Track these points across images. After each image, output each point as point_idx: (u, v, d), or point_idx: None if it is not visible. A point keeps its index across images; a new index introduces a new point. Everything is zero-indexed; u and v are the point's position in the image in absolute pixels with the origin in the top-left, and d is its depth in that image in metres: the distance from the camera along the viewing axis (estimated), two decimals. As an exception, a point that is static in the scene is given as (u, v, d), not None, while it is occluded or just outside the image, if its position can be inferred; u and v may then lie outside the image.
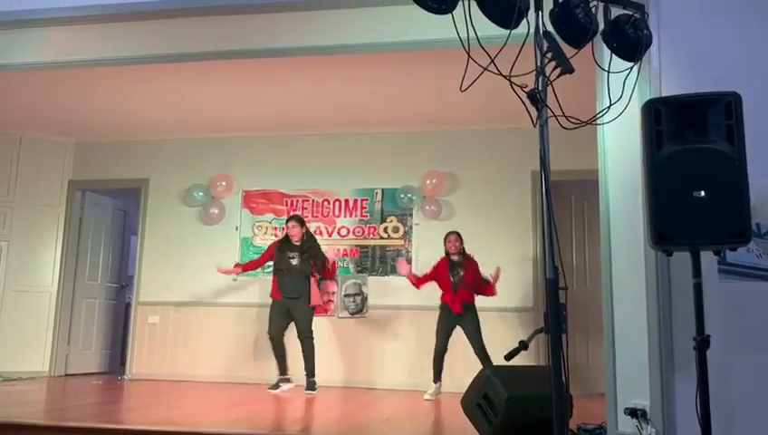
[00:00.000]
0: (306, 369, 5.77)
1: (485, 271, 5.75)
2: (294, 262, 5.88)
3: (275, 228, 6.92)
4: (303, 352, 5.79)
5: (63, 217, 7.30)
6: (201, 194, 7.05)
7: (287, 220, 6.16)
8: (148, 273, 7.14)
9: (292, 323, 5.85)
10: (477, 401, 3.44)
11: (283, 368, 5.85)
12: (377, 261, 6.75)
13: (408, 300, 6.42)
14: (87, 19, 3.98)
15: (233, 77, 5.51)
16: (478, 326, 5.52)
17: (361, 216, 6.87)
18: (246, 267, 6.14)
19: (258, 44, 4.24)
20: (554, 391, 2.22)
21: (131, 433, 3.46)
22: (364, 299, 6.68)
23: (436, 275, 5.74)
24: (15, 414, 4.07)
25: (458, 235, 5.77)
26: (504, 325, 6.11)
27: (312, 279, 5.94)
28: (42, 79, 5.49)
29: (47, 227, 7.22)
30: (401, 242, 6.71)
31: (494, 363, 3.56)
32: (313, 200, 6.97)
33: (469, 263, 5.69)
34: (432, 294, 5.78)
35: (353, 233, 6.85)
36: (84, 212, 7.50)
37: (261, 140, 7.07)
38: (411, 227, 6.71)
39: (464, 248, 5.74)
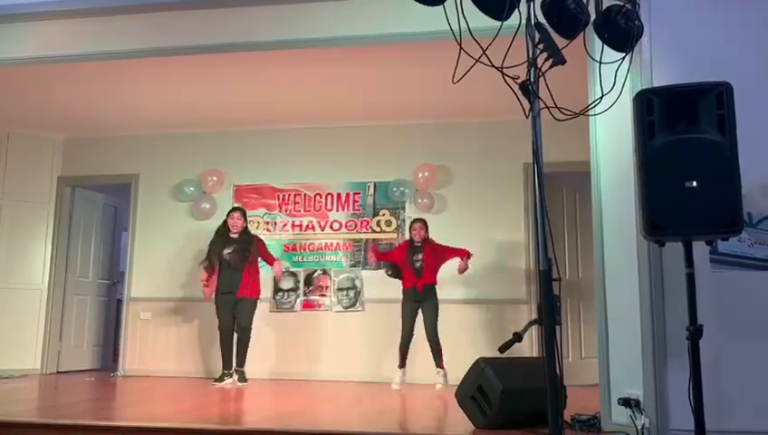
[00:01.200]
0: (236, 360, 5.87)
1: (476, 265, 5.78)
2: (228, 256, 5.94)
3: (267, 223, 6.90)
4: (238, 343, 5.89)
5: (53, 213, 7.25)
6: (192, 189, 7.02)
7: (232, 211, 6.20)
8: (140, 269, 7.11)
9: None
10: (472, 393, 3.45)
11: (227, 363, 5.93)
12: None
13: (401, 294, 6.41)
14: (73, 13, 3.95)
15: (222, 71, 5.46)
16: (436, 309, 5.65)
17: (354, 209, 6.85)
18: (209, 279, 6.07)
19: (247, 38, 4.22)
20: (548, 383, 2.23)
21: (124, 430, 3.44)
22: (358, 293, 6.68)
23: (398, 257, 5.90)
24: (7, 412, 4.04)
25: (423, 222, 5.89)
26: (498, 317, 6.12)
27: (248, 271, 5.95)
28: (29, 74, 5.43)
29: (37, 224, 7.16)
30: (394, 235, 6.70)
31: (484, 357, 3.56)
32: (305, 194, 6.95)
33: (429, 246, 5.79)
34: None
35: (346, 227, 6.84)
36: (74, 208, 7.45)
37: (252, 134, 7.03)
38: (404, 221, 6.70)
39: (427, 236, 5.85)
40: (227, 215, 6.17)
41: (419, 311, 5.69)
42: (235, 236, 6.02)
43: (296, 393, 5.38)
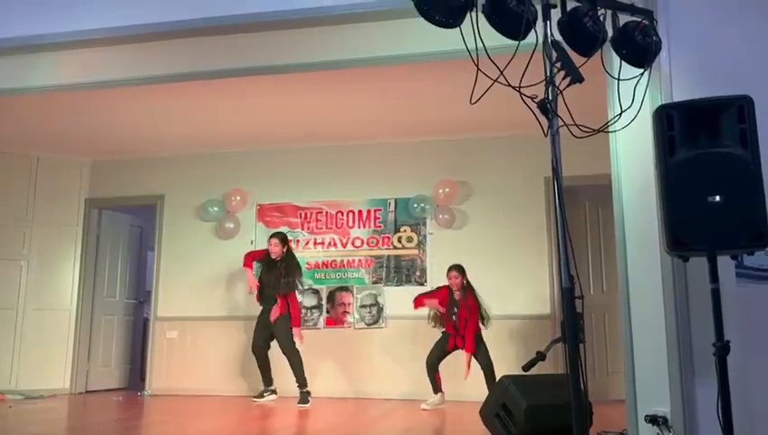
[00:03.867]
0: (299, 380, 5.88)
1: (499, 281, 5.75)
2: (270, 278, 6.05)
3: (290, 241, 6.96)
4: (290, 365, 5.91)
5: (81, 235, 7.39)
6: (216, 209, 7.11)
7: (270, 237, 6.30)
8: (166, 288, 7.20)
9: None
10: (497, 410, 3.44)
11: (267, 380, 6.02)
12: (392, 271, 6.76)
13: (423, 310, 6.41)
14: (99, 42, 4.04)
15: (244, 93, 5.56)
16: (487, 356, 5.50)
17: (375, 226, 6.88)
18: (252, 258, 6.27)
19: (268, 61, 4.27)
20: (573, 402, 2.21)
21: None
22: (380, 310, 6.69)
23: (439, 303, 5.73)
24: (39, 432, 4.11)
25: (459, 269, 5.67)
26: (521, 334, 6.08)
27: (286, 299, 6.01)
28: (57, 100, 5.57)
29: (65, 246, 7.30)
30: (416, 252, 6.71)
31: (509, 373, 3.55)
32: (327, 212, 7.00)
33: (468, 300, 5.60)
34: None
35: (367, 244, 6.87)
36: (101, 230, 7.59)
37: (274, 153, 7.12)
38: (425, 237, 6.71)
39: (466, 282, 5.66)
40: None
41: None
42: (276, 260, 6.11)
43: (321, 411, 5.39)
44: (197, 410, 5.52)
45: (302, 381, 5.81)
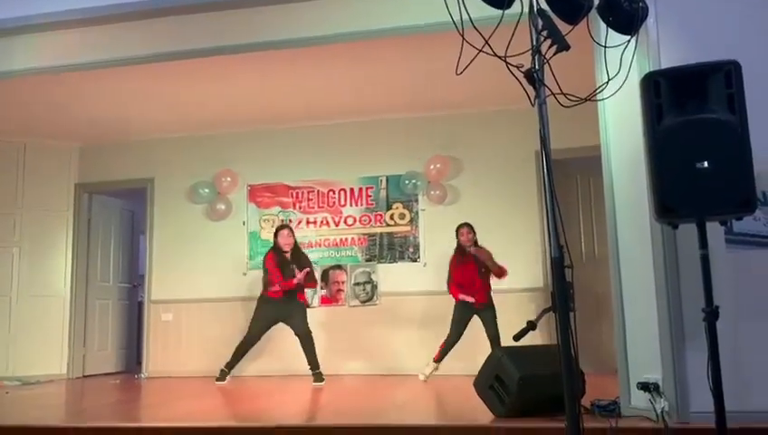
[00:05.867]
0: (309, 364, 5.78)
1: (492, 252, 5.75)
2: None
3: (282, 221, 6.95)
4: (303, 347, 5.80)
5: (72, 220, 7.35)
6: (207, 190, 7.08)
7: (279, 229, 6.08)
8: (159, 271, 7.19)
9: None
10: (490, 382, 3.46)
11: (233, 365, 5.92)
12: (385, 249, 6.77)
13: (417, 286, 6.45)
14: (82, 22, 3.99)
15: (230, 72, 5.50)
16: (495, 319, 5.50)
17: (367, 204, 6.87)
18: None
19: (254, 38, 4.24)
20: (564, 369, 2.23)
21: (150, 431, 3.50)
22: (374, 287, 6.71)
23: (458, 271, 5.66)
24: (37, 416, 4.12)
25: (471, 227, 5.70)
26: (514, 306, 6.10)
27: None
28: (42, 85, 5.50)
29: (56, 232, 7.27)
30: (408, 228, 6.72)
31: (500, 346, 3.58)
32: (318, 191, 6.98)
33: (478, 252, 5.61)
34: (442, 279, 5.79)
35: (360, 222, 6.86)
36: (92, 214, 7.55)
37: (263, 133, 7.08)
38: (417, 213, 6.72)
39: (476, 239, 5.68)
40: (276, 233, 6.06)
41: (476, 318, 5.57)
42: (289, 255, 5.94)
43: (317, 389, 5.42)
44: (194, 392, 5.54)
45: (315, 364, 5.79)
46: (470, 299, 5.52)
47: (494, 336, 5.44)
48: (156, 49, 4.36)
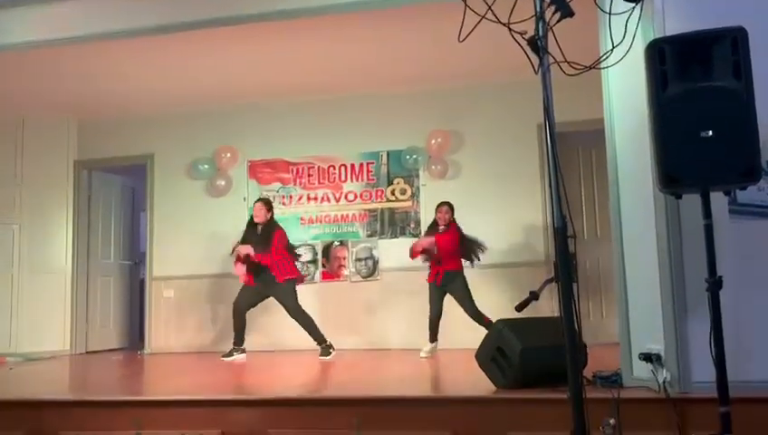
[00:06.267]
0: (314, 339, 5.74)
1: (493, 229, 5.75)
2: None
3: (283, 197, 6.92)
4: (302, 326, 5.75)
5: (72, 196, 7.33)
6: (206, 166, 7.05)
7: (256, 201, 6.02)
8: (160, 248, 7.19)
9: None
10: (492, 354, 3.46)
11: (240, 340, 5.85)
12: (386, 224, 6.75)
13: (418, 261, 6.42)
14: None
15: (230, 46, 5.44)
16: (466, 289, 5.51)
17: (368, 179, 6.84)
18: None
19: (253, 9, 4.18)
20: (567, 339, 2.22)
21: (153, 404, 3.51)
22: (375, 262, 6.71)
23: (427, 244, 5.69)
24: (43, 391, 4.15)
25: (449, 206, 5.67)
26: (516, 280, 6.11)
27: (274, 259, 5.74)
28: (39, 58, 5.43)
29: (57, 208, 7.25)
30: (409, 204, 6.69)
31: (502, 318, 3.57)
32: (319, 166, 6.94)
33: (451, 230, 5.60)
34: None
35: (360, 197, 6.84)
36: (92, 191, 7.53)
37: (263, 108, 7.02)
38: (419, 188, 6.69)
39: (452, 220, 5.66)
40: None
41: (447, 294, 5.60)
42: (260, 228, 5.87)
43: (318, 362, 5.44)
44: (198, 367, 5.57)
45: (319, 338, 5.73)
46: (430, 242, 5.59)
47: (469, 311, 5.47)
48: (155, 21, 4.31)
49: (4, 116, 7.00)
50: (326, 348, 5.69)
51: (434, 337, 5.66)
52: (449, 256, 5.58)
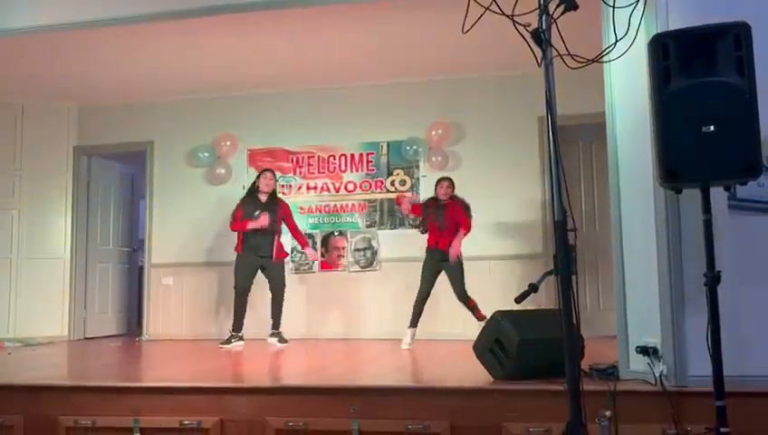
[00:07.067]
0: (273, 323, 5.87)
1: (492, 221, 5.74)
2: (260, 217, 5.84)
3: (282, 186, 6.92)
4: (274, 305, 5.88)
5: (71, 183, 7.32)
6: (206, 154, 7.04)
7: (264, 171, 6.10)
8: (159, 235, 7.20)
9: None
10: (490, 345, 3.48)
11: (239, 325, 5.91)
12: (385, 215, 6.76)
13: (417, 252, 6.43)
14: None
15: (231, 34, 5.42)
16: (461, 268, 5.51)
17: (368, 170, 6.84)
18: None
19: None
20: (565, 332, 2.24)
21: (151, 390, 3.53)
22: (374, 253, 6.72)
23: (423, 211, 5.73)
24: (41, 376, 4.16)
25: (451, 181, 5.67)
26: (515, 272, 6.13)
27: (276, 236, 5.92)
28: (40, 44, 5.42)
29: (56, 194, 7.25)
30: (409, 195, 6.69)
31: (501, 309, 3.58)
32: (319, 156, 6.94)
33: (452, 204, 5.61)
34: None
35: (360, 187, 6.84)
36: (92, 177, 7.52)
37: (264, 97, 7.01)
38: (418, 180, 6.69)
39: (453, 195, 5.66)
40: (260, 174, 6.07)
41: (442, 271, 5.59)
42: (265, 198, 5.95)
43: (316, 352, 5.46)
44: (194, 354, 5.59)
45: (278, 323, 5.87)
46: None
47: (458, 290, 5.49)
48: (156, 8, 4.29)
49: (4, 101, 6.98)
50: (282, 336, 5.82)
51: (415, 321, 5.59)
52: (454, 226, 5.54)
